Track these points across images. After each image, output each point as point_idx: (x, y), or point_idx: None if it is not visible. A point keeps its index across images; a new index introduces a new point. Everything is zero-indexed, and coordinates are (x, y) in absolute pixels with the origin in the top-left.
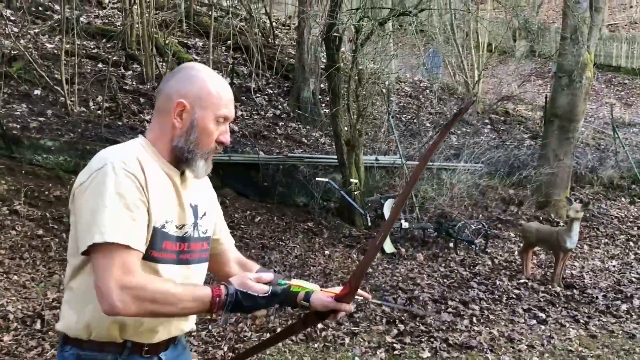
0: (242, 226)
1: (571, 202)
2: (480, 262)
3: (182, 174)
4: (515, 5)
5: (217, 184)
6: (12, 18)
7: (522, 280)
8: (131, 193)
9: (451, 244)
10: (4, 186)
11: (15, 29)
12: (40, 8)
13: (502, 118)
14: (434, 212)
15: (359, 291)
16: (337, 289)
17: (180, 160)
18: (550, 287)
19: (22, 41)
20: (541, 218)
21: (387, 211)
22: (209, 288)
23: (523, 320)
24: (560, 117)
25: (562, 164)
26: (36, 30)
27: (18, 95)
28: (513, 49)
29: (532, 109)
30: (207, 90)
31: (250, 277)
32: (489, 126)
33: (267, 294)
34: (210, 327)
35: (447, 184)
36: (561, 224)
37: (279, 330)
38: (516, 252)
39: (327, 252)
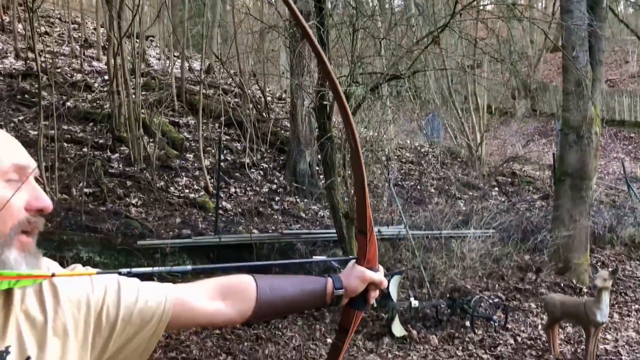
0: None
1: (596, 269)
2: (501, 341)
3: None
4: (512, 64)
5: (189, 273)
6: None
7: None
8: None
9: (467, 322)
10: None
11: None
12: (26, 95)
13: (509, 180)
14: (446, 286)
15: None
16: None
17: None
18: None
19: (3, 129)
20: (562, 285)
21: (393, 289)
22: None
23: None
24: (572, 176)
25: (579, 225)
26: (20, 118)
27: None
28: (514, 109)
29: (539, 168)
30: None
31: None
32: (496, 189)
33: None
34: None
35: (457, 254)
36: (585, 290)
37: None
38: (540, 327)
39: (329, 339)
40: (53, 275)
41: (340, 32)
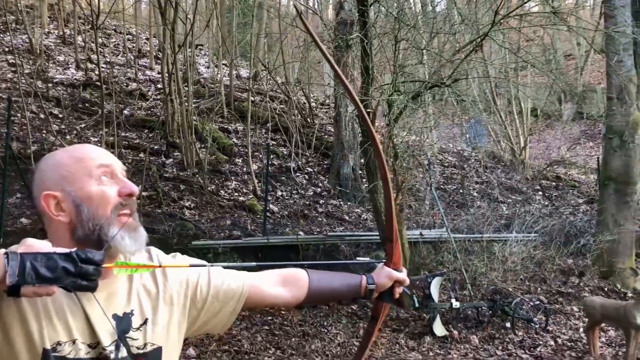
0: (283, 312)
1: (637, 273)
2: (541, 342)
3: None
4: (555, 69)
5: (255, 268)
6: (60, 115)
7: None
8: None
9: (508, 323)
10: None
11: (63, 126)
12: (86, 104)
13: (554, 183)
14: (487, 288)
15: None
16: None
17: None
18: None
19: (67, 137)
20: (606, 289)
21: (434, 291)
22: None
23: None
24: (616, 180)
25: (623, 229)
26: (82, 125)
27: None
28: (559, 112)
29: (584, 173)
30: (62, 163)
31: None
32: (540, 193)
33: (69, 254)
34: None
35: (499, 257)
36: (629, 295)
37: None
38: (581, 330)
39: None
40: (160, 266)
41: (383, 42)
